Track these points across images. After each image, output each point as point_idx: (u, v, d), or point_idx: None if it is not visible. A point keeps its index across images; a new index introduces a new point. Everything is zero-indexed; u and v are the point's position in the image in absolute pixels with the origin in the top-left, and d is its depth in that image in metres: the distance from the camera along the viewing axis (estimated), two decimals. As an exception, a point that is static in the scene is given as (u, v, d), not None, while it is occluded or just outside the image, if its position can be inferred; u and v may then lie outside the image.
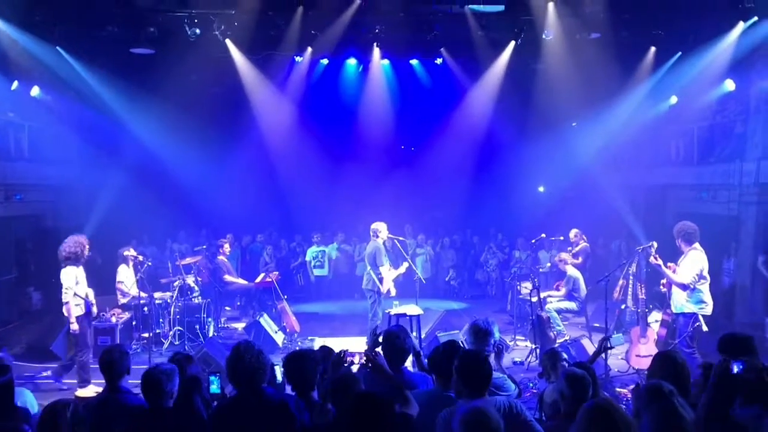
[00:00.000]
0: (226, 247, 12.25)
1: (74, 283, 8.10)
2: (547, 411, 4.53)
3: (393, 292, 10.36)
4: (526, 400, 5.85)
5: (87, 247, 8.29)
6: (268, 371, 4.00)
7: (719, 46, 11.18)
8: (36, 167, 12.80)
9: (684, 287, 7.72)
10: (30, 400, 4.85)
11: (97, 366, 4.80)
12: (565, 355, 5.44)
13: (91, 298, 8.44)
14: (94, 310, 8.54)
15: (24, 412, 4.41)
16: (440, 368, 4.08)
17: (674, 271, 7.86)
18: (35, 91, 12.33)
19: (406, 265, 10.71)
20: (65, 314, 8.15)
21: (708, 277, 7.79)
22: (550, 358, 5.27)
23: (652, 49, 12.08)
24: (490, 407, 3.20)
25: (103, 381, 4.76)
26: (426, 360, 4.72)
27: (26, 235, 13.45)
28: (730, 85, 12.08)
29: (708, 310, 7.73)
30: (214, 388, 4.60)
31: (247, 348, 3.98)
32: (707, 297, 7.74)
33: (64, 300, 8.08)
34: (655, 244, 8.63)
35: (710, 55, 11.42)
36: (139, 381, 4.03)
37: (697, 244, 7.77)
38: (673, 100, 13.48)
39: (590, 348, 8.67)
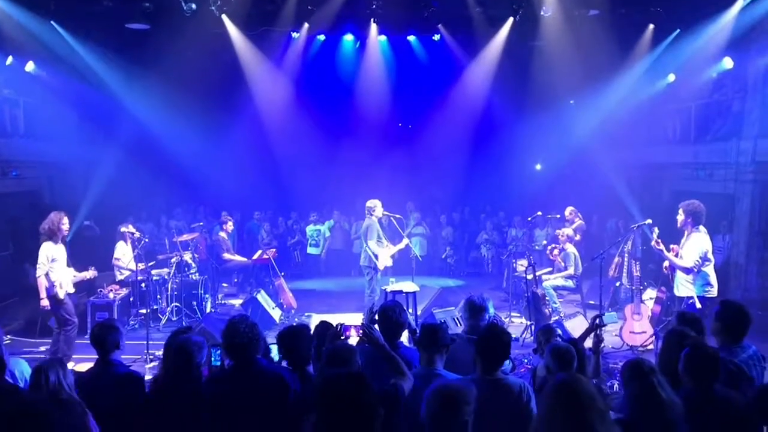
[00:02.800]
0: (229, 225, 12.27)
1: (47, 259, 7.90)
2: (537, 384, 4.59)
3: (389, 263, 10.41)
4: (520, 375, 5.91)
5: (62, 223, 8.04)
6: (262, 343, 4.04)
7: (718, 23, 11.11)
8: (32, 143, 12.73)
9: (687, 271, 7.53)
10: (25, 369, 4.90)
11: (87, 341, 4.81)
12: (559, 331, 5.49)
13: (61, 280, 8.07)
14: (58, 292, 8.01)
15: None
16: (424, 342, 4.09)
17: (676, 254, 7.69)
18: (30, 66, 12.21)
19: (405, 242, 10.75)
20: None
21: (712, 259, 7.65)
22: (544, 333, 5.32)
23: (651, 26, 12.01)
24: (463, 385, 3.20)
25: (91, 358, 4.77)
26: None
27: (22, 211, 13.42)
28: (728, 62, 12.03)
29: (713, 292, 7.54)
30: (215, 360, 4.65)
31: (242, 320, 4.03)
32: (713, 279, 7.56)
33: (36, 274, 7.92)
34: (650, 222, 8.66)
35: (709, 33, 11.35)
36: (138, 356, 4.04)
37: (701, 226, 7.62)
38: (671, 78, 13.43)
39: (583, 326, 8.73)
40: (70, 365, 7.89)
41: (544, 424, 3.03)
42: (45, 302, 7.96)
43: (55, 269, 7.98)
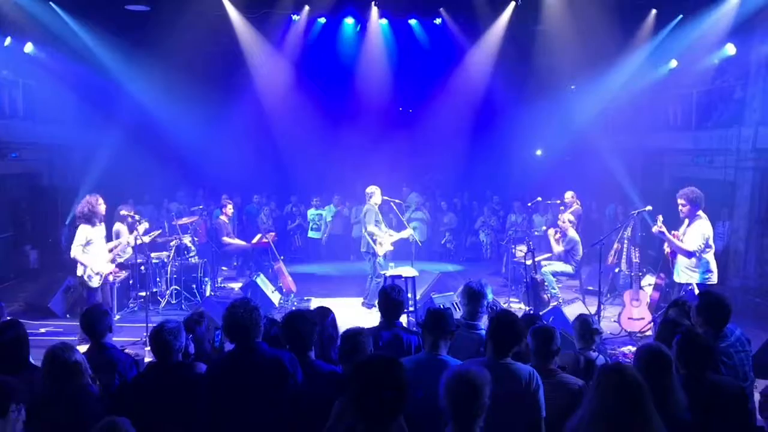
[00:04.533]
0: (229, 209, 12.27)
1: (84, 240, 8.06)
2: None
3: (390, 248, 10.43)
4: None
5: (95, 205, 8.16)
6: (262, 327, 4.05)
7: (721, 9, 11.07)
8: (31, 125, 12.71)
9: (690, 254, 7.52)
10: None
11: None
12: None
13: (97, 265, 8.21)
14: (91, 280, 8.15)
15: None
16: (428, 329, 4.10)
17: (679, 240, 7.69)
18: (29, 47, 12.15)
19: (409, 231, 10.75)
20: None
21: (713, 246, 7.66)
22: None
23: (653, 11, 11.97)
24: (478, 369, 3.23)
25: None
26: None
27: (22, 193, 13.43)
28: (730, 49, 11.97)
29: (713, 279, 7.57)
30: (216, 342, 4.66)
31: (242, 304, 4.03)
32: (713, 266, 7.58)
33: (71, 254, 8.14)
34: (650, 208, 8.65)
35: (711, 19, 11.30)
36: (137, 339, 4.05)
37: (701, 212, 7.64)
38: (673, 64, 13.37)
39: (582, 312, 8.75)
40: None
41: (594, 409, 3.12)
42: (89, 283, 8.16)
43: (91, 251, 8.15)
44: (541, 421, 3.74)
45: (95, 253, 8.20)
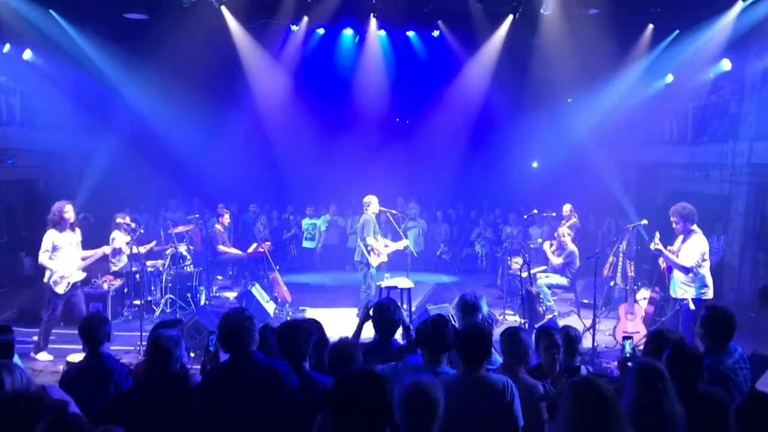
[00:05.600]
0: (226, 218, 12.27)
1: (50, 246, 8.11)
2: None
3: (385, 259, 10.41)
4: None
5: (64, 212, 8.19)
6: (256, 337, 4.04)
7: (717, 24, 11.12)
8: (28, 132, 12.70)
9: (687, 270, 7.55)
10: (16, 361, 4.89)
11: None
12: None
13: (65, 270, 8.21)
14: (58, 286, 8.16)
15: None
16: (428, 342, 4.07)
17: (675, 255, 7.70)
18: (27, 54, 12.17)
19: (405, 242, 10.75)
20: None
21: (709, 260, 7.69)
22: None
23: (650, 26, 12.02)
24: (431, 382, 3.19)
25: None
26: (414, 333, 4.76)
27: (18, 200, 13.40)
28: (726, 64, 12.05)
29: (709, 293, 7.58)
30: (210, 346, 4.66)
31: (237, 313, 4.03)
32: (708, 280, 7.59)
33: (39, 261, 8.19)
34: (646, 222, 8.66)
35: (708, 34, 11.36)
36: (131, 347, 4.03)
37: (695, 226, 7.66)
38: (669, 78, 13.45)
39: (577, 325, 8.74)
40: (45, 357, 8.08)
41: (564, 422, 3.12)
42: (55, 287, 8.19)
43: (58, 257, 8.16)
44: (520, 430, 3.76)
45: (63, 258, 8.21)
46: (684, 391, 3.76)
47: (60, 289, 8.18)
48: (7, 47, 11.68)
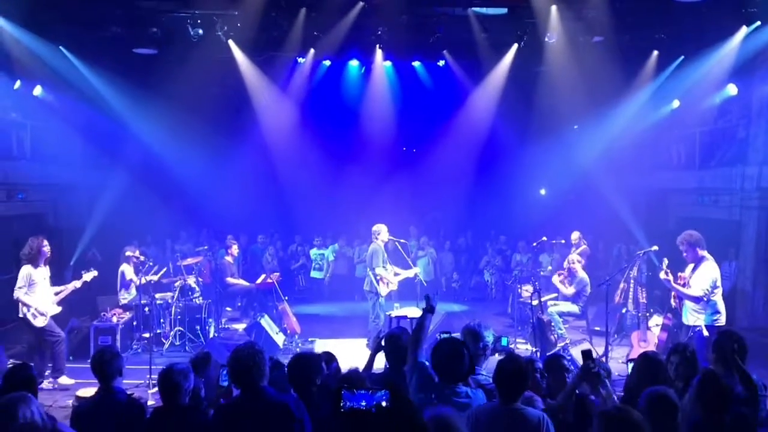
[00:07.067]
0: (234, 249, 12.27)
1: (26, 281, 8.16)
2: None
3: (394, 288, 10.35)
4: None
5: (42, 246, 8.32)
6: (267, 371, 4.01)
7: (722, 50, 11.17)
8: (38, 166, 12.80)
9: (697, 300, 7.46)
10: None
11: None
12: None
13: (40, 305, 8.26)
14: (35, 320, 8.22)
15: None
16: (445, 370, 4.11)
17: (684, 284, 7.61)
18: (38, 90, 12.34)
19: (415, 270, 10.70)
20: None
21: (721, 287, 7.58)
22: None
23: (655, 52, 12.09)
24: (455, 416, 3.20)
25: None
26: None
27: (27, 234, 13.25)
28: (732, 89, 12.08)
29: (722, 320, 7.47)
30: (222, 380, 4.62)
31: (246, 348, 4.01)
32: (721, 307, 7.49)
33: (14, 296, 8.19)
34: (657, 248, 8.59)
35: (713, 60, 11.40)
36: (141, 381, 4.01)
37: (706, 253, 7.57)
38: (675, 104, 13.48)
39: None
40: (66, 380, 7.99)
41: None
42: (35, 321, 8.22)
43: (35, 292, 8.22)
44: None
45: (40, 293, 8.26)
46: (711, 422, 3.72)
47: (39, 323, 8.23)
48: (17, 84, 11.85)
